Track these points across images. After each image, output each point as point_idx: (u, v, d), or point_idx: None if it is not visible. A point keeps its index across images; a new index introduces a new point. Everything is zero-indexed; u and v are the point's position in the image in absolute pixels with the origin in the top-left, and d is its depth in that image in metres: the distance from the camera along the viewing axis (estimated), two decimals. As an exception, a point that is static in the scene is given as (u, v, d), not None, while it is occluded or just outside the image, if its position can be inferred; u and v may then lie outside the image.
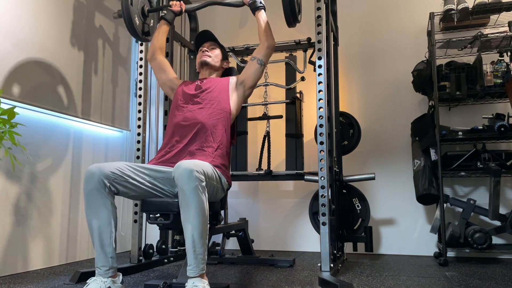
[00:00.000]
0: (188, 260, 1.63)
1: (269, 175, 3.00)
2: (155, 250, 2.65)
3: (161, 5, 2.68)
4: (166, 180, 1.85)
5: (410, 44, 3.43)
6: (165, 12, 2.35)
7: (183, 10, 2.37)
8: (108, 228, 1.74)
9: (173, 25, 2.66)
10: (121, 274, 1.83)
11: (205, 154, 1.94)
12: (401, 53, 3.44)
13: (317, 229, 3.04)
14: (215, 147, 1.96)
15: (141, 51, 2.69)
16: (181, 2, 2.35)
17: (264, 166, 3.10)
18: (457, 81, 2.93)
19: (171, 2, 2.37)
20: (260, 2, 2.19)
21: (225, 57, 2.32)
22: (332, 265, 2.15)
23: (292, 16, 2.11)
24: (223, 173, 1.93)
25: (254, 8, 2.19)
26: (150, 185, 1.84)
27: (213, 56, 2.24)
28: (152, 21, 2.50)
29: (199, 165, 1.66)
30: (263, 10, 2.19)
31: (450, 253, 3.04)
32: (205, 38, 2.31)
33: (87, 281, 1.73)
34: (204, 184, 1.63)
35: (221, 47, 2.31)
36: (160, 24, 2.34)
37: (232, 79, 2.18)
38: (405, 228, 3.27)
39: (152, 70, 2.37)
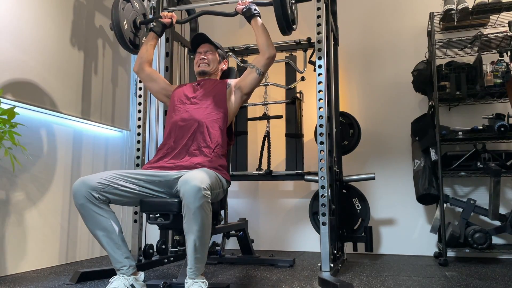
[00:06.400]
0: (189, 263, 1.67)
1: (269, 175, 3.00)
2: (155, 250, 2.65)
3: (153, 16, 2.56)
4: (165, 182, 1.85)
5: (410, 44, 3.43)
6: (154, 24, 2.29)
7: (174, 22, 2.31)
8: (114, 234, 1.74)
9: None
10: (142, 272, 1.84)
11: (203, 154, 1.93)
12: (401, 53, 3.44)
13: (317, 229, 3.04)
14: (212, 147, 1.96)
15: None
16: (173, 13, 2.30)
17: (264, 166, 3.10)
18: (457, 81, 2.93)
19: (161, 13, 2.31)
20: (255, 9, 2.09)
21: (222, 58, 2.27)
22: (332, 265, 2.15)
23: (287, 28, 2.08)
24: (222, 174, 1.93)
25: (249, 16, 2.08)
26: (144, 189, 1.84)
27: (210, 62, 2.19)
28: (144, 38, 2.45)
29: (206, 180, 1.65)
30: (258, 18, 2.08)
31: (450, 253, 3.04)
32: (200, 41, 2.25)
33: (110, 280, 1.74)
34: (209, 199, 1.64)
35: (218, 48, 2.25)
36: (148, 36, 2.27)
37: (230, 82, 2.15)
38: (405, 228, 3.27)
39: (142, 81, 2.31)
